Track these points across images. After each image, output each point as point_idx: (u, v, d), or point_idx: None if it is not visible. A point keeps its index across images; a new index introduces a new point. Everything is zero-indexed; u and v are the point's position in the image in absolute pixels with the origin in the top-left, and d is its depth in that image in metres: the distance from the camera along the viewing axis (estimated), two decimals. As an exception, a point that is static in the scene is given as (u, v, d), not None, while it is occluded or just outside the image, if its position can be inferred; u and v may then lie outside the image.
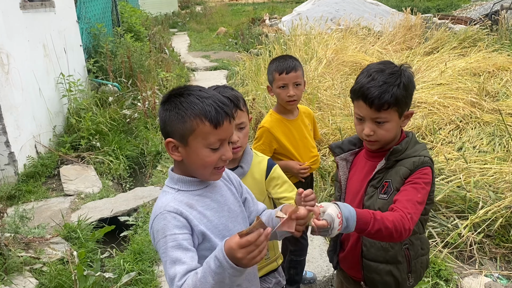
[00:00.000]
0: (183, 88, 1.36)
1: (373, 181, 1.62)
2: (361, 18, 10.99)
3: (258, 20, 17.31)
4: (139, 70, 7.34)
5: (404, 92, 1.52)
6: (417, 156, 1.56)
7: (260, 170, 1.89)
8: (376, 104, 1.50)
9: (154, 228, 1.30)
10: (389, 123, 1.54)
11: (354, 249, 1.71)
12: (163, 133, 1.37)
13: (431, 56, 8.23)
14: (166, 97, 1.35)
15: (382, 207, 1.56)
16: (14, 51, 4.65)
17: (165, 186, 1.41)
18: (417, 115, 5.33)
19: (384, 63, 1.59)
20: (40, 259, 3.06)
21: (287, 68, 2.32)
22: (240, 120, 1.75)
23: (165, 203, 1.32)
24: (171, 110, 1.32)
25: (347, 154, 1.76)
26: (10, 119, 4.41)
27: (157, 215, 1.30)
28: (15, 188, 4.34)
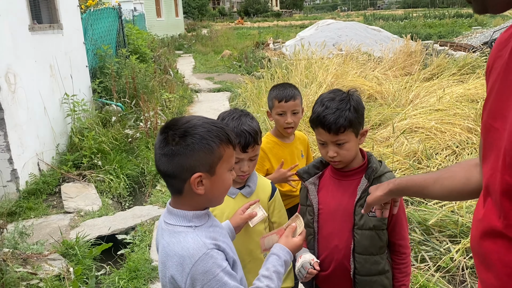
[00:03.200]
0: (185, 123, 1.30)
1: (360, 200, 1.73)
2: (362, 44, 11.19)
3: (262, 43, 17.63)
4: (143, 90, 7.49)
5: (356, 114, 1.69)
6: (389, 172, 1.76)
7: (265, 191, 1.98)
8: (334, 128, 1.67)
9: (199, 271, 1.24)
10: (349, 143, 1.71)
11: (342, 267, 1.77)
12: (181, 171, 1.27)
13: (430, 82, 8.37)
14: (177, 136, 1.27)
15: (376, 224, 1.72)
16: (21, 71, 4.80)
17: (175, 226, 1.33)
18: (413, 140, 5.41)
19: (333, 92, 1.77)
20: (37, 275, 3.11)
21: (286, 96, 2.42)
22: (255, 153, 1.85)
23: (200, 243, 1.26)
24: (196, 144, 1.26)
25: (314, 178, 1.87)
26: (14, 137, 4.52)
27: (200, 257, 1.24)
28: (16, 205, 4.42)
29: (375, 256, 1.73)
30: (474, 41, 14.43)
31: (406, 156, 5.02)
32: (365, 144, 5.54)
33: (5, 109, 4.38)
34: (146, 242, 3.82)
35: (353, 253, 1.74)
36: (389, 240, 1.78)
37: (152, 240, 3.83)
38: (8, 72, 4.52)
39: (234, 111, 1.90)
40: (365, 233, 1.72)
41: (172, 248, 1.30)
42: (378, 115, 6.68)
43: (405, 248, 1.78)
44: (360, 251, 1.73)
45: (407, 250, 1.79)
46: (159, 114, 6.59)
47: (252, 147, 1.81)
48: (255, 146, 1.82)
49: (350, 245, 1.74)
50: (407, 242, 1.80)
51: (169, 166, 1.27)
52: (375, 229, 1.71)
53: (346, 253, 1.74)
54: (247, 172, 1.85)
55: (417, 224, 3.56)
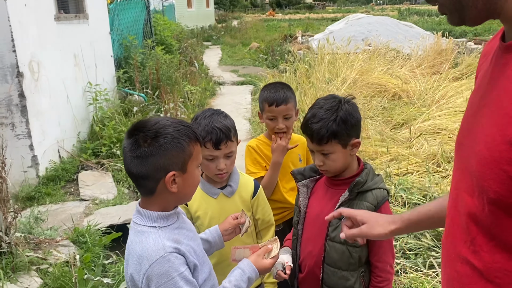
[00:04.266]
0: (153, 124, 1.32)
1: None
2: (392, 40, 10.92)
3: (290, 36, 17.49)
4: (166, 82, 7.57)
5: (343, 125, 1.62)
6: (378, 189, 1.67)
7: (247, 189, 1.98)
8: (316, 138, 1.63)
9: (155, 273, 1.26)
10: (334, 154, 1.65)
11: (313, 274, 1.76)
12: (154, 172, 1.29)
13: (459, 82, 8.11)
14: (148, 137, 1.29)
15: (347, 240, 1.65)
16: (45, 60, 4.92)
17: (140, 225, 1.35)
18: (434, 142, 5.27)
19: (326, 98, 1.71)
20: (47, 260, 3.20)
21: (277, 100, 2.22)
22: (230, 149, 1.83)
23: (159, 245, 1.29)
24: (168, 143, 1.28)
25: (308, 180, 1.84)
26: (35, 124, 4.65)
27: (157, 259, 1.26)
28: (35, 190, 4.56)
29: (343, 272, 1.69)
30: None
31: (425, 158, 4.90)
32: (384, 144, 5.44)
33: (28, 97, 4.51)
34: (156, 233, 3.87)
35: (323, 262, 1.72)
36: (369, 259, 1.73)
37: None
38: (32, 60, 4.64)
39: (208, 110, 1.90)
40: (335, 245, 1.68)
41: (134, 247, 1.32)
42: (401, 115, 6.54)
43: (381, 272, 1.70)
44: (329, 263, 1.70)
45: (383, 274, 1.70)
46: (179, 107, 6.64)
47: (225, 144, 1.79)
48: (228, 142, 1.80)
49: (322, 254, 1.72)
50: (386, 267, 1.71)
51: (142, 167, 1.29)
52: (346, 244, 1.66)
53: (317, 261, 1.73)
54: (225, 170, 1.83)
55: (427, 230, 3.48)
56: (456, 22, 0.89)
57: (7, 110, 4.44)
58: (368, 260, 1.72)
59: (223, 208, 1.90)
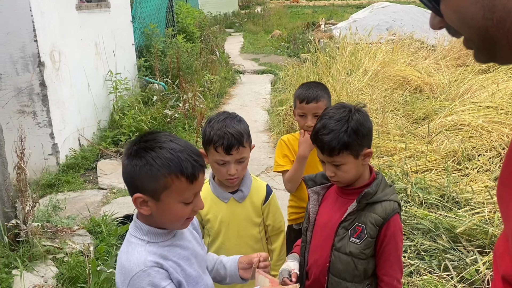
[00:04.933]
0: (152, 140, 1.29)
1: (345, 222, 1.66)
2: (417, 30, 10.64)
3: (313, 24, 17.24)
4: (186, 71, 7.58)
5: (354, 136, 1.58)
6: (388, 201, 1.63)
7: (259, 195, 1.97)
8: (327, 150, 1.59)
9: (136, 285, 1.25)
10: (346, 165, 1.61)
11: (318, 282, 1.74)
12: (129, 186, 1.31)
13: (486, 75, 7.84)
14: (134, 150, 1.28)
15: (353, 251, 1.64)
16: (67, 49, 4.98)
17: (132, 236, 1.34)
18: (456, 138, 5.14)
19: (336, 108, 1.66)
20: (64, 249, 3.28)
21: (308, 97, 2.27)
22: (241, 155, 1.82)
23: (141, 259, 1.27)
24: (141, 166, 1.25)
25: (319, 187, 1.81)
26: (56, 113, 4.73)
27: (137, 273, 1.25)
28: (55, 178, 4.66)
29: (348, 283, 1.66)
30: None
31: (445, 155, 4.78)
32: (403, 139, 5.34)
33: (49, 86, 4.58)
34: (170, 224, 3.91)
35: (328, 272, 1.70)
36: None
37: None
38: (53, 50, 4.70)
39: (222, 113, 1.89)
40: (341, 256, 1.66)
41: (121, 256, 1.33)
42: (423, 109, 6.39)
43: (387, 286, 1.66)
44: (334, 273, 1.68)
45: (395, 276, 1.67)
46: (198, 97, 6.65)
47: (236, 149, 1.78)
48: (239, 148, 1.79)
49: (327, 264, 1.69)
50: (393, 281, 1.66)
51: (123, 176, 1.33)
52: (352, 255, 1.63)
53: (323, 270, 1.71)
54: (235, 175, 1.82)
55: (444, 231, 3.41)
56: (484, 60, 0.77)
57: (29, 99, 4.53)
58: (375, 273, 1.69)
59: (233, 213, 1.90)
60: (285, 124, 5.78)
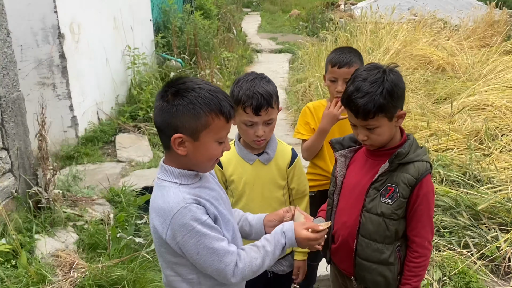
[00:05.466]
0: (189, 82, 1.33)
1: (376, 183, 1.64)
2: (440, 10, 10.37)
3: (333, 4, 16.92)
4: (203, 48, 7.53)
5: (389, 98, 1.53)
6: (420, 161, 1.59)
7: (284, 158, 1.94)
8: (362, 114, 1.55)
9: (177, 224, 1.29)
10: (380, 128, 1.58)
11: (346, 245, 1.73)
12: (168, 127, 1.32)
13: (511, 56, 7.63)
14: (174, 91, 1.31)
15: (385, 212, 1.62)
16: (86, 21, 4.97)
17: (162, 180, 1.37)
18: (479, 118, 5.03)
19: (368, 69, 1.60)
20: (83, 217, 3.32)
21: (340, 62, 2.20)
22: (270, 116, 1.79)
23: (179, 197, 1.31)
24: (185, 106, 1.29)
25: (346, 150, 1.78)
26: (75, 86, 4.75)
27: (178, 210, 1.29)
28: (75, 150, 4.70)
29: (378, 244, 1.65)
30: None
31: (468, 135, 4.69)
32: (425, 118, 5.24)
33: (68, 58, 4.59)
34: (188, 197, 3.92)
35: (357, 234, 1.68)
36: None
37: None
38: (73, 22, 4.70)
39: (251, 73, 1.85)
40: (372, 217, 1.64)
41: (156, 201, 1.36)
42: (444, 89, 6.26)
43: (419, 247, 1.64)
44: (364, 234, 1.66)
45: (421, 249, 1.65)
46: (216, 73, 6.61)
47: (265, 110, 1.74)
48: (268, 109, 1.75)
49: (356, 225, 1.67)
50: (424, 242, 1.65)
51: (158, 119, 1.34)
52: (383, 216, 1.61)
53: (351, 232, 1.69)
54: (263, 137, 1.79)
55: (465, 208, 3.35)
56: None
57: (49, 70, 4.55)
58: (405, 234, 1.67)
59: (258, 174, 1.88)
60: (303, 101, 5.72)
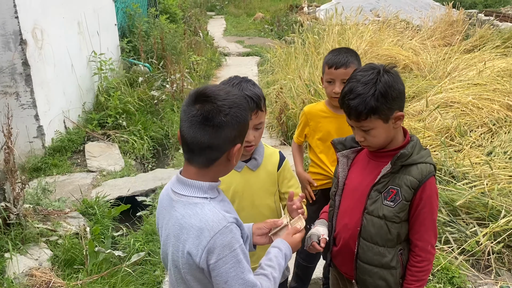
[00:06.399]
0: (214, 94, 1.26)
1: (378, 185, 1.60)
2: (401, 11, 10.64)
3: (296, 7, 17.07)
4: (171, 52, 7.40)
5: (382, 100, 1.50)
6: (423, 163, 1.56)
7: (272, 162, 1.89)
8: (353, 115, 1.53)
9: (218, 244, 1.21)
10: (375, 130, 1.55)
11: (348, 247, 1.70)
12: (222, 143, 1.25)
13: (471, 54, 7.89)
14: (214, 109, 1.23)
15: (387, 214, 1.59)
16: (49, 27, 4.76)
17: (190, 197, 1.28)
18: (448, 115, 5.15)
19: (364, 70, 1.57)
20: (57, 232, 3.16)
21: (337, 63, 2.20)
22: (260, 120, 1.74)
23: (219, 215, 1.25)
24: (233, 117, 1.24)
25: (348, 151, 1.74)
26: (40, 94, 4.54)
27: (220, 230, 1.22)
28: (42, 161, 4.49)
29: (380, 247, 1.62)
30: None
31: (439, 132, 4.79)
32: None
33: (32, 65, 4.38)
34: (165, 205, 3.81)
35: (359, 236, 1.65)
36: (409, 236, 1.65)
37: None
38: (35, 28, 4.49)
39: (235, 77, 1.79)
40: (373, 219, 1.60)
41: (188, 221, 1.26)
42: (412, 87, 6.39)
43: (422, 251, 1.61)
44: (365, 237, 1.63)
45: (423, 253, 1.62)
46: (186, 77, 6.50)
47: (255, 114, 1.69)
48: (258, 112, 1.71)
49: (358, 228, 1.64)
50: (427, 246, 1.62)
51: (216, 137, 1.24)
52: (385, 219, 1.58)
53: (353, 234, 1.67)
54: (253, 142, 1.74)
55: (443, 204, 3.41)
56: None
57: (11, 79, 4.33)
58: (408, 238, 1.64)
59: (247, 182, 1.82)
60: (277, 103, 5.70)
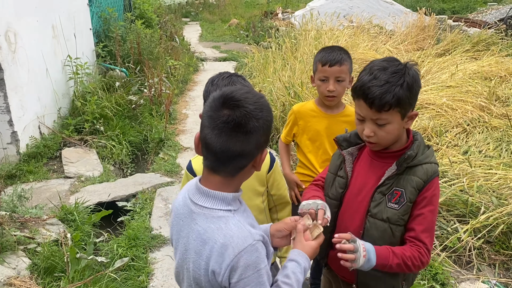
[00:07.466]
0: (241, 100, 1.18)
1: (382, 187, 1.52)
2: (374, 17, 10.86)
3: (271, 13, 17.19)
4: (148, 56, 7.32)
5: (408, 93, 1.41)
6: (429, 163, 1.49)
7: (263, 164, 1.86)
8: (377, 104, 1.41)
9: (241, 263, 1.13)
10: (391, 125, 1.45)
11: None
12: (252, 150, 1.18)
13: (443, 58, 8.11)
14: (243, 116, 1.15)
15: (391, 217, 1.51)
16: (22, 30, 4.63)
17: (214, 210, 1.20)
18: (424, 117, 5.26)
19: (388, 60, 1.49)
20: (35, 239, 3.05)
21: (331, 60, 2.15)
22: None
23: (245, 232, 1.16)
24: (263, 122, 1.18)
25: (354, 148, 1.65)
26: (14, 99, 4.40)
27: (245, 248, 1.14)
28: (16, 168, 4.35)
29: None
30: (489, 18, 13.99)
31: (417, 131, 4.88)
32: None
33: (5, 69, 4.25)
34: (147, 210, 3.75)
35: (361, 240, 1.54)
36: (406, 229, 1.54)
37: (152, 208, 3.76)
38: (8, 30, 4.36)
39: (224, 72, 1.77)
40: (377, 223, 1.53)
41: (212, 236, 1.17)
42: (387, 90, 6.50)
43: (423, 237, 1.49)
44: (368, 241, 1.51)
45: (426, 240, 1.49)
46: (164, 81, 6.43)
47: None
48: None
49: (360, 231, 1.56)
50: (426, 238, 1.49)
51: (247, 144, 1.16)
52: (389, 222, 1.50)
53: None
54: None
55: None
56: None
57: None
58: None
59: None
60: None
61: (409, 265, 1.47)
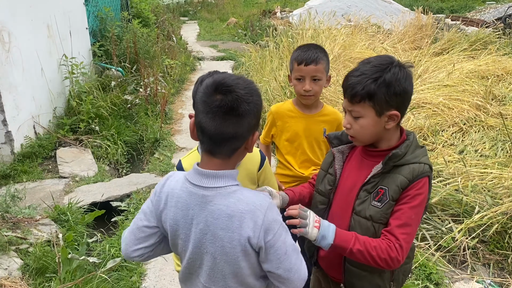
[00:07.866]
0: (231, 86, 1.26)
1: (367, 185, 1.52)
2: (372, 16, 10.85)
3: (269, 12, 17.17)
4: (144, 56, 7.30)
5: (384, 89, 1.40)
6: (417, 163, 1.46)
7: (253, 161, 1.84)
8: (349, 94, 1.46)
9: (269, 220, 1.27)
10: (364, 119, 1.45)
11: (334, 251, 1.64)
12: (245, 132, 1.29)
13: (440, 57, 8.10)
14: (234, 100, 1.24)
15: (374, 215, 1.49)
16: (17, 29, 4.62)
17: (227, 187, 1.29)
18: (420, 116, 5.25)
19: (380, 56, 1.49)
20: (27, 240, 3.04)
21: (307, 59, 2.11)
22: None
23: (260, 195, 1.32)
24: (260, 102, 1.33)
25: (344, 146, 1.65)
26: (8, 98, 4.39)
27: (268, 206, 1.28)
28: (11, 168, 4.33)
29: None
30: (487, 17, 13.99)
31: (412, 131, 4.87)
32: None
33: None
34: (141, 210, 3.73)
35: None
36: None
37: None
38: (2, 30, 4.34)
39: (213, 71, 1.76)
40: (361, 220, 1.51)
41: (235, 208, 1.26)
42: (384, 89, 6.49)
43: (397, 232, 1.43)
44: None
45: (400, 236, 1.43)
46: (160, 81, 6.42)
47: None
48: None
49: (346, 229, 1.55)
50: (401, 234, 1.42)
51: (239, 126, 1.25)
52: (372, 220, 1.48)
53: None
54: None
55: (419, 202, 3.45)
56: None
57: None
58: None
59: None
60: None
61: (373, 255, 1.41)
